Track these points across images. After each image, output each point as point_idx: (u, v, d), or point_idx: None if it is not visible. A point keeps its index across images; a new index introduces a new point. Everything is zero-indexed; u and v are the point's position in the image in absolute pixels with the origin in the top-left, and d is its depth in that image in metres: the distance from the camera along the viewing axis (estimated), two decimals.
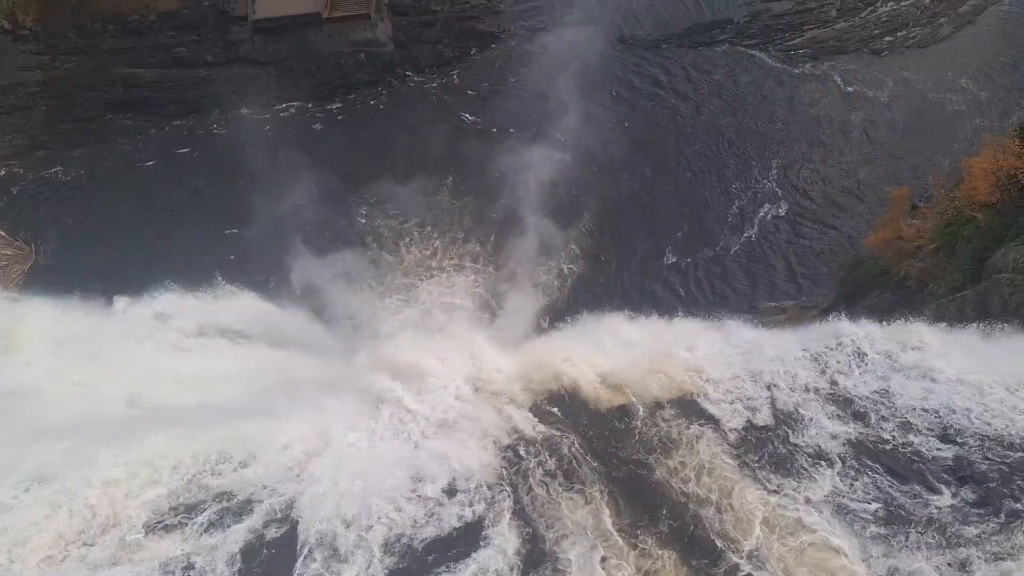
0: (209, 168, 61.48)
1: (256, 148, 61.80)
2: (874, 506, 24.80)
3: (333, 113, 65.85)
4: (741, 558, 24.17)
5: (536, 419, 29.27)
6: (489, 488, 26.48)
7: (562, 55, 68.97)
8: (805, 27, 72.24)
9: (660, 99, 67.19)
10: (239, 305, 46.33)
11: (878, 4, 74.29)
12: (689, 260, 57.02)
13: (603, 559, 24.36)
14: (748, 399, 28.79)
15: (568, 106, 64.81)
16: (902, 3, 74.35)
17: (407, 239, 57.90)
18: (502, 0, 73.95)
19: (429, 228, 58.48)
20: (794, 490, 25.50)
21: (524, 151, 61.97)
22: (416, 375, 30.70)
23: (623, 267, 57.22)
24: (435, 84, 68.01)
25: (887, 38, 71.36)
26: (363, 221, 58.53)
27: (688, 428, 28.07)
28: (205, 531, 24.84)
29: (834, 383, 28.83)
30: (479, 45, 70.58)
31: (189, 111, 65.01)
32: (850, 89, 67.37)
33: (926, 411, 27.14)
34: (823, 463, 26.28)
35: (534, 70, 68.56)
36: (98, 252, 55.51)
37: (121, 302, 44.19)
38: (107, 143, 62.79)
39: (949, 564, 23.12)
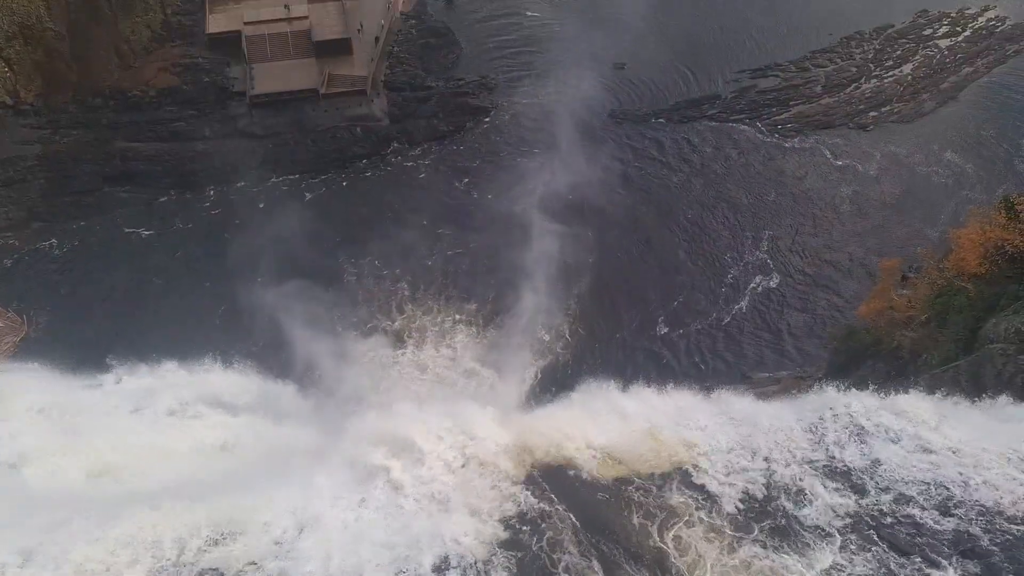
0: (204, 239, 61.82)
1: (252, 218, 62.51)
2: None
3: (329, 184, 66.65)
4: None
5: (530, 493, 28.71)
6: (483, 565, 25.84)
7: (554, 128, 70.52)
8: (791, 102, 74.20)
9: (653, 170, 68.36)
10: (229, 375, 45.82)
11: (861, 81, 76.54)
12: (684, 329, 57.14)
13: None
14: (744, 471, 28.37)
15: (561, 176, 65.89)
16: (885, 80, 76.61)
17: (401, 303, 58.16)
18: (495, 76, 76.17)
19: (422, 291, 58.86)
20: (793, 564, 24.97)
21: (519, 218, 62.88)
22: (407, 447, 30.19)
23: (619, 335, 57.31)
24: (430, 156, 69.12)
25: (871, 113, 73.16)
26: (357, 288, 58.67)
27: (684, 502, 27.61)
28: None
29: (831, 455, 28.47)
30: (473, 119, 72.11)
31: (186, 183, 65.76)
32: (839, 163, 68.66)
33: (925, 483, 26.74)
34: (822, 537, 25.77)
35: (527, 142, 70.02)
36: (90, 323, 55.36)
37: (111, 374, 43.73)
38: (103, 215, 63.28)
39: None
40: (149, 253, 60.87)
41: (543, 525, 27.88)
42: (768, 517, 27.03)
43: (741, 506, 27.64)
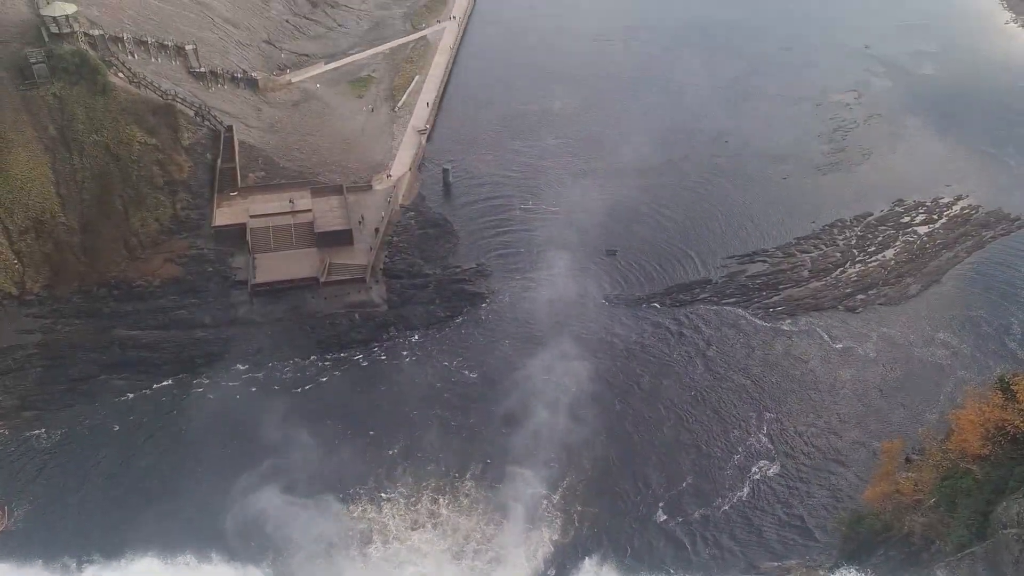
0: (195, 425, 60.90)
1: (246, 404, 62.00)
2: None
3: (326, 370, 66.67)
4: None
5: None
6: None
7: (550, 312, 71.89)
8: (781, 286, 76.07)
9: (652, 351, 68.79)
10: (209, 571, 43.87)
11: (847, 265, 78.90)
12: (689, 514, 55.39)
13: None
14: None
15: (559, 356, 66.49)
16: (869, 264, 79.03)
17: (395, 477, 56.98)
18: (490, 264, 78.43)
19: (418, 465, 57.75)
20: None
21: (517, 395, 62.92)
22: None
23: (622, 517, 55.47)
24: (428, 341, 69.67)
25: (859, 296, 74.86)
26: (350, 469, 57.32)
27: None
28: None
29: None
30: (470, 305, 73.45)
31: (184, 370, 65.75)
32: (839, 346, 69.30)
33: None
34: None
35: (523, 326, 70.91)
36: (72, 515, 53.36)
37: (90, 571, 41.90)
38: (97, 403, 62.75)
39: None
40: (137, 442, 59.82)
41: None
42: None
43: None
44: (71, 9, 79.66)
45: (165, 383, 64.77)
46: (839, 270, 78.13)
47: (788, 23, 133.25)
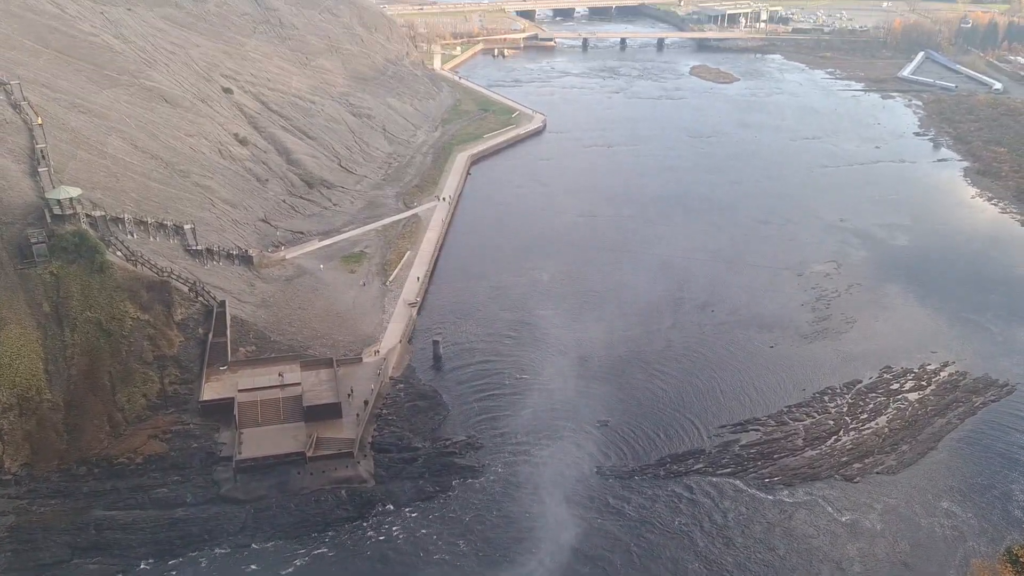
0: None
1: None
2: None
3: (310, 551, 63.85)
4: None
5: None
6: None
7: (542, 486, 70.02)
8: (776, 455, 74.81)
9: (648, 526, 66.33)
10: None
11: (841, 433, 78.07)
12: None
13: None
14: None
15: (553, 533, 64.27)
16: (863, 432, 78.22)
17: None
18: (481, 436, 77.23)
19: None
20: None
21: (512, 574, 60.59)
22: None
23: None
24: (416, 518, 67.28)
25: (856, 465, 73.55)
26: None
27: None
28: None
29: None
30: (460, 479, 71.60)
31: (161, 552, 62.90)
32: (844, 519, 67.07)
33: None
34: None
35: (514, 501, 68.78)
36: None
37: None
38: None
39: None
40: None
41: None
42: None
43: None
44: (75, 192, 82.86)
45: (139, 567, 61.77)
46: (833, 438, 77.28)
47: (764, 198, 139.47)
